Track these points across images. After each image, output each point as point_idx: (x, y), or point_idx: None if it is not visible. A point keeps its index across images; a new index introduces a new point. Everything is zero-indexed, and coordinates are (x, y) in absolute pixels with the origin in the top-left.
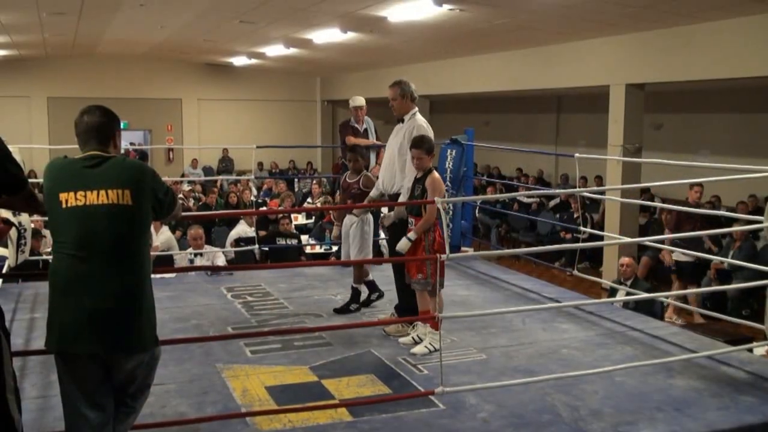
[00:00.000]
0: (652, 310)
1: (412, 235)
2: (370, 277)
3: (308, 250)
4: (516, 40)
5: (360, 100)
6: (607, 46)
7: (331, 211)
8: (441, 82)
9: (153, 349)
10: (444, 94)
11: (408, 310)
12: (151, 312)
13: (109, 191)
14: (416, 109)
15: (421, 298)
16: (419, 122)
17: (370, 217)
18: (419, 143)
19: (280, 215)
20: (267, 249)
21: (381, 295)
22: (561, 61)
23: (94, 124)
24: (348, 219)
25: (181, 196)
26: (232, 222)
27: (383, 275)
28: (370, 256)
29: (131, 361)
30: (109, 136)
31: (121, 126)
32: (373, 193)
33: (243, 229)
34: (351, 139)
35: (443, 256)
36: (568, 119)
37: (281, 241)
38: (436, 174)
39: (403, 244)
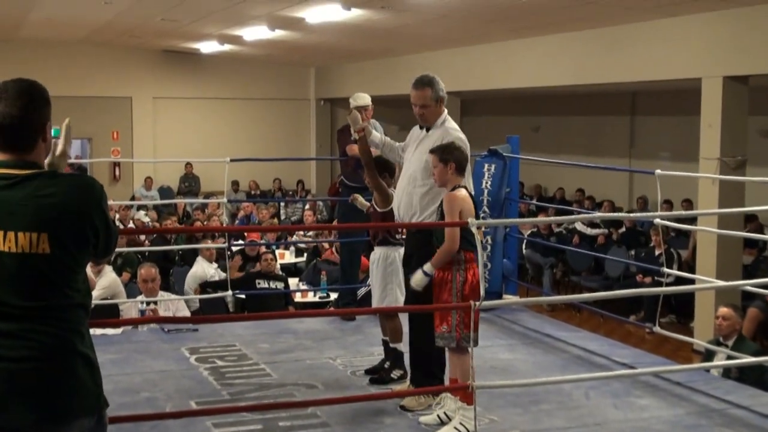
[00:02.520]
0: (763, 379)
1: (428, 267)
2: (400, 345)
3: (298, 297)
4: (576, 19)
5: (364, 99)
6: (700, 26)
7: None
8: (475, 74)
9: (98, 412)
10: (479, 91)
11: (428, 375)
12: (90, 369)
13: (20, 235)
14: (446, 112)
15: (450, 361)
16: (452, 130)
17: (395, 254)
18: (437, 149)
19: (263, 250)
20: (243, 296)
21: (403, 377)
22: (636, 46)
23: (8, 115)
24: (374, 254)
25: (130, 225)
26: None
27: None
28: (398, 303)
29: (70, 430)
30: (33, 135)
31: (53, 132)
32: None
33: (202, 268)
34: (353, 149)
35: (476, 304)
36: (646, 124)
37: (262, 285)
38: (459, 192)
39: (418, 278)
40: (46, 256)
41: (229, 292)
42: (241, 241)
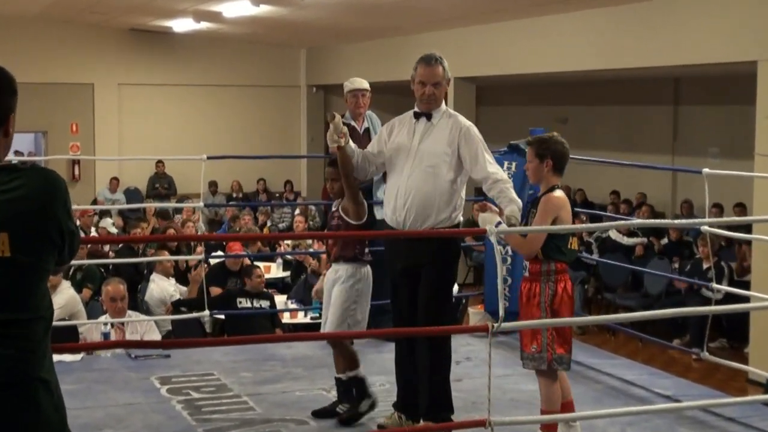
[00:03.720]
0: None
1: (514, 219)
2: (360, 370)
3: (286, 318)
4: None
5: (360, 83)
6: (756, 1)
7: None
8: (493, 57)
9: None
10: (498, 77)
11: (435, 406)
12: (52, 397)
13: None
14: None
15: (542, 386)
16: (464, 120)
17: (367, 270)
18: (534, 141)
19: (244, 263)
20: (222, 317)
21: (373, 405)
22: (681, 23)
23: None
24: (332, 271)
25: (93, 233)
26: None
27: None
28: (360, 329)
29: None
30: None
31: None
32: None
33: (159, 286)
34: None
35: (495, 326)
36: (692, 115)
37: (245, 304)
38: (557, 193)
39: (488, 216)
40: (5, 260)
41: (207, 312)
42: (220, 253)
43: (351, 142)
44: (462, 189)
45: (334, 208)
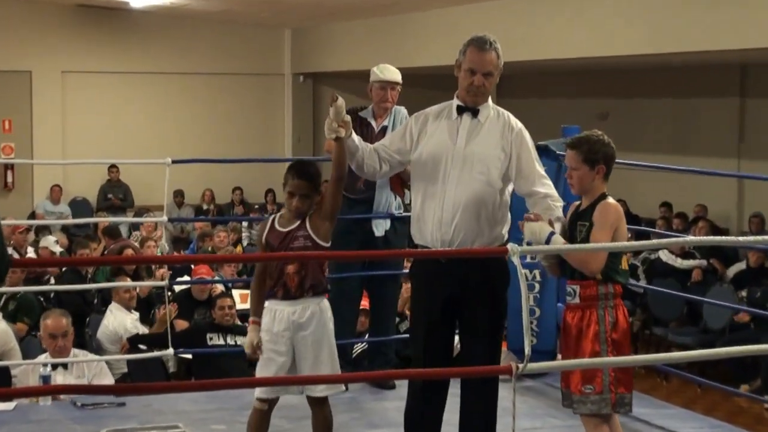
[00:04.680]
0: None
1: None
2: None
3: None
4: None
5: (392, 73)
6: None
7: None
8: (517, 40)
9: None
10: (522, 63)
11: None
12: None
13: None
14: None
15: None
16: (516, 121)
17: (326, 303)
18: (578, 143)
19: (216, 293)
20: (189, 356)
21: None
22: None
23: None
24: (293, 313)
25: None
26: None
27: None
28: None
29: None
30: None
31: None
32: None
33: (117, 319)
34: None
35: (520, 367)
36: (762, 109)
37: (216, 340)
38: (612, 201)
39: (539, 227)
40: None
41: (170, 351)
42: (188, 278)
43: (354, 135)
44: (509, 202)
45: (292, 226)
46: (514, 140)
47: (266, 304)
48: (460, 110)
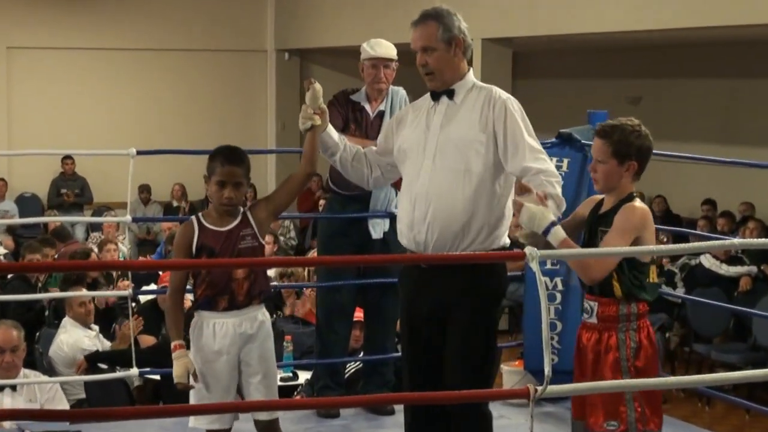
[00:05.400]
0: None
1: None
2: None
3: None
4: None
5: (385, 49)
6: None
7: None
8: (534, 11)
9: None
10: (541, 38)
11: None
12: None
13: None
14: (471, 71)
15: None
16: (500, 93)
17: (266, 311)
18: (608, 131)
19: (188, 303)
20: (158, 376)
21: None
22: None
23: None
24: (237, 324)
25: None
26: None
27: None
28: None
29: None
30: None
31: None
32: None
33: (72, 338)
34: (352, 139)
35: (539, 390)
36: None
37: None
38: (639, 203)
39: (537, 211)
40: None
41: (135, 371)
42: (154, 286)
43: (333, 131)
44: (508, 194)
45: (231, 225)
46: (497, 116)
47: (196, 318)
48: (434, 96)
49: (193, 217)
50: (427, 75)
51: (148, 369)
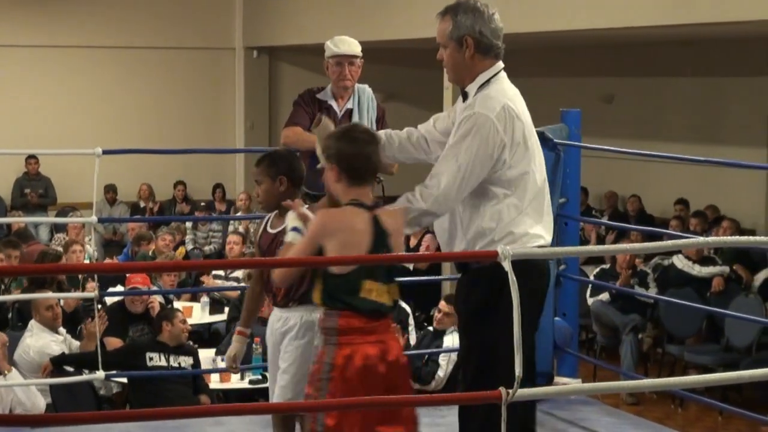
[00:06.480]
0: None
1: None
2: None
3: (215, 381)
4: None
5: (348, 45)
6: None
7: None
8: (508, 8)
9: None
10: (514, 36)
11: None
12: None
13: None
14: (496, 68)
15: None
16: (481, 105)
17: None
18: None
19: (151, 304)
20: (125, 379)
21: None
22: None
23: None
24: (278, 320)
25: None
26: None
27: None
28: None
29: None
30: None
31: None
32: None
33: (40, 342)
34: (294, 133)
35: (510, 393)
36: None
37: (156, 361)
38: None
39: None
40: None
41: (101, 374)
42: (121, 288)
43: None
44: (502, 197)
45: (280, 228)
46: (463, 120)
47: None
48: (463, 94)
49: (267, 217)
50: (447, 71)
51: (114, 372)
